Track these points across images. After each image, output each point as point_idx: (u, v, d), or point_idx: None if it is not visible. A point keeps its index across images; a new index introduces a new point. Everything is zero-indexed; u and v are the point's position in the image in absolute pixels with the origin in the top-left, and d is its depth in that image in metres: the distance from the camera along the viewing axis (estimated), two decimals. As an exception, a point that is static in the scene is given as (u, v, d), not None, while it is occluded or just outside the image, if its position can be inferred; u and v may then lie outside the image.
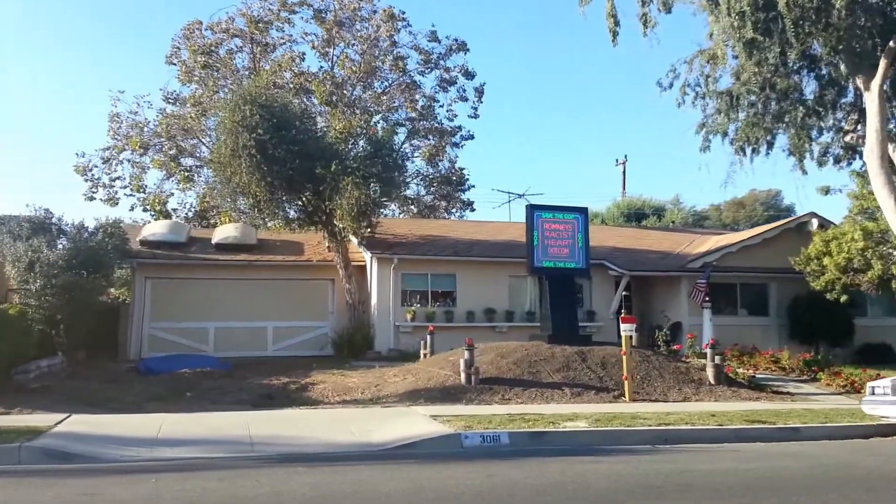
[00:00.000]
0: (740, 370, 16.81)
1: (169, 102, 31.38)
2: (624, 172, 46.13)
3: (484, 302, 20.63)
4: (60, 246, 17.22)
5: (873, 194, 15.80)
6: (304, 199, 19.92)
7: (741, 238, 22.11)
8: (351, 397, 13.71)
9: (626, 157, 44.73)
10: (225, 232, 22.09)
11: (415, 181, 33.77)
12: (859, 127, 14.79)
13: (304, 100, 27.54)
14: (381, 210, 20.75)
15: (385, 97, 33.61)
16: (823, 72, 14.62)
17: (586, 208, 17.22)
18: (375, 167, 19.48)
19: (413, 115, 32.32)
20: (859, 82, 13.83)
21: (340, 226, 18.90)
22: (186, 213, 31.64)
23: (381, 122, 33.27)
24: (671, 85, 16.76)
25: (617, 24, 14.37)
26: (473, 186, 32.36)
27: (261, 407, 12.58)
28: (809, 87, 15.08)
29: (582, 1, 14.90)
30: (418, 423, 10.31)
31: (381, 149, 20.02)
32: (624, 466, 7.78)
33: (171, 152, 30.24)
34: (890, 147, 13.73)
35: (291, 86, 28.26)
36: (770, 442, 10.05)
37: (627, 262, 21.89)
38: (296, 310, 21.21)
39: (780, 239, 21.21)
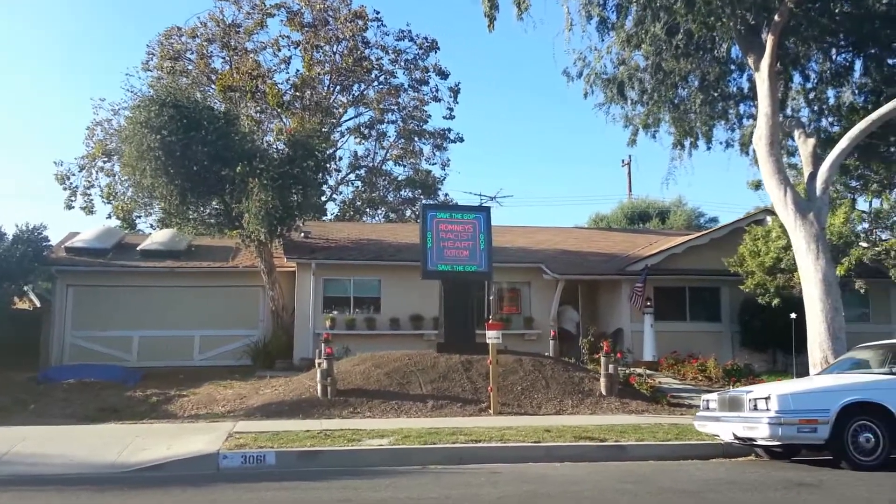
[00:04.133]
0: (661, 379, 15.85)
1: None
2: (629, 174, 44.82)
3: (410, 309, 19.95)
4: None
5: (799, 185, 14.62)
6: (216, 203, 19.62)
7: (687, 239, 20.90)
8: (207, 410, 13.28)
9: (630, 157, 42.88)
10: (152, 238, 22.02)
11: (386, 185, 33.43)
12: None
13: (255, 101, 27.37)
14: (303, 214, 20.22)
15: (362, 98, 33.43)
16: (718, 54, 13.56)
17: (489, 208, 16.51)
18: (294, 170, 19.08)
19: (380, 115, 31.88)
20: (750, 62, 12.75)
21: (249, 230, 18.47)
22: (150, 221, 31.85)
23: (350, 124, 33.14)
24: (580, 74, 15.82)
25: (494, 7, 13.56)
26: (440, 189, 31.65)
27: (95, 421, 12.27)
28: (713, 72, 13.99)
29: None
30: (204, 440, 9.77)
31: (300, 151, 19.57)
32: (316, 494, 7.11)
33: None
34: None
35: (246, 87, 28.12)
36: (589, 461, 9.22)
37: (568, 265, 20.97)
38: (225, 318, 20.88)
39: (731, 239, 19.81)
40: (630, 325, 19.91)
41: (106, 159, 31.49)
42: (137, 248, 21.60)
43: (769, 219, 19.69)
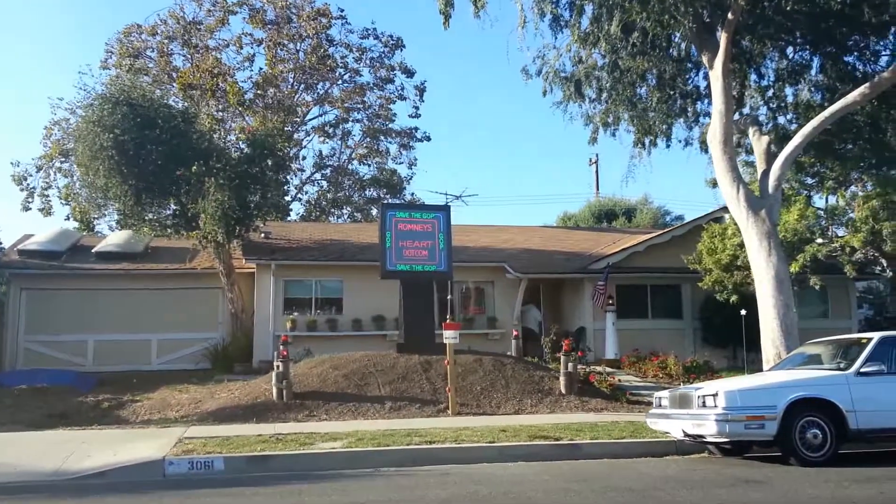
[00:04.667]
0: (623, 377, 15.95)
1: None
2: (597, 172, 45.04)
3: (373, 309, 19.84)
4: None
5: (752, 184, 14.80)
6: (173, 203, 19.33)
7: (649, 237, 21.08)
8: (160, 416, 13.05)
9: (597, 156, 43.12)
10: (108, 240, 21.64)
11: (354, 186, 33.25)
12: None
13: (214, 99, 27.01)
14: (263, 214, 20.01)
15: (327, 97, 33.21)
16: (674, 53, 13.66)
17: (448, 207, 16.41)
18: (252, 169, 18.89)
19: (345, 114, 31.69)
20: (705, 60, 12.86)
21: (206, 231, 18.21)
22: (109, 223, 31.30)
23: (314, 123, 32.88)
24: (539, 72, 15.83)
25: (450, 4, 13.48)
26: (405, 189, 31.55)
27: (43, 427, 11.98)
28: (669, 70, 14.10)
29: None
30: (152, 446, 9.58)
31: (259, 150, 19.36)
32: (259, 500, 7.01)
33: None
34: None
35: (207, 86, 27.76)
36: (542, 461, 9.21)
37: (532, 264, 21.02)
38: (183, 321, 20.54)
39: (691, 237, 20.00)
40: (593, 324, 20.04)
41: (63, 159, 30.89)
42: (93, 251, 21.20)
43: (727, 216, 19.96)
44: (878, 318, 22.00)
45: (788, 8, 12.23)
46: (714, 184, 17.08)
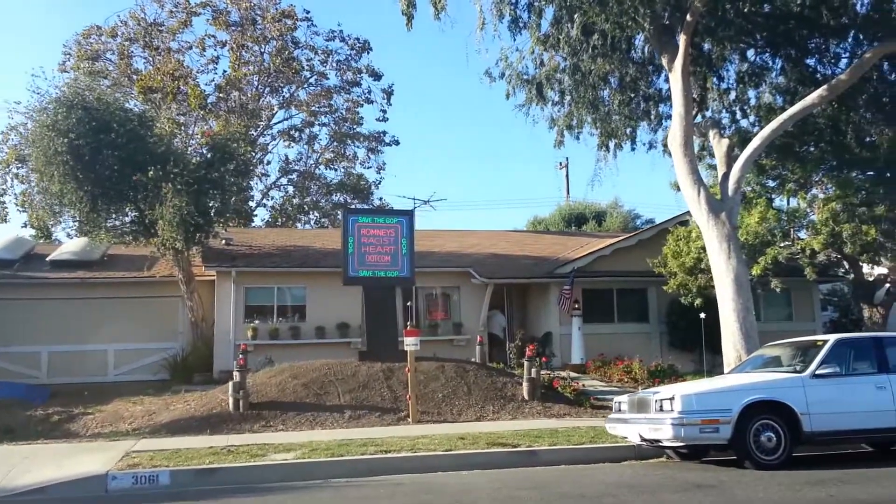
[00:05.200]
0: (588, 382, 15.96)
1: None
2: (567, 176, 45.27)
3: (337, 316, 19.63)
4: None
5: (714, 187, 14.94)
6: (130, 209, 19.00)
7: (615, 241, 21.18)
8: (112, 429, 12.79)
9: (567, 159, 43.34)
10: (63, 248, 21.23)
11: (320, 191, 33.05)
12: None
13: (175, 102, 26.67)
14: (224, 221, 19.76)
15: (292, 100, 32.99)
16: (635, 55, 13.76)
17: (412, 211, 16.36)
18: (212, 174, 18.64)
19: (311, 117, 31.50)
20: (664, 62, 12.96)
21: (164, 237, 17.91)
22: (66, 230, 30.75)
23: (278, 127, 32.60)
24: (502, 74, 15.84)
25: (412, 5, 13.44)
26: (373, 194, 31.43)
27: (-14, 442, 11.62)
28: (630, 72, 14.19)
29: None
30: (98, 460, 9.35)
31: (219, 155, 19.12)
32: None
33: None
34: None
35: (168, 89, 27.41)
36: (499, 468, 9.19)
37: (498, 269, 21.00)
38: (141, 330, 20.12)
39: (657, 240, 20.08)
40: (559, 329, 20.03)
41: (20, 165, 30.27)
42: (47, 259, 20.78)
43: (692, 220, 20.14)
44: (843, 319, 22.29)
45: (746, 10, 12.38)
46: (678, 187, 17.24)
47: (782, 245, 15.63)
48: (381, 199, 33.15)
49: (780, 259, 15.29)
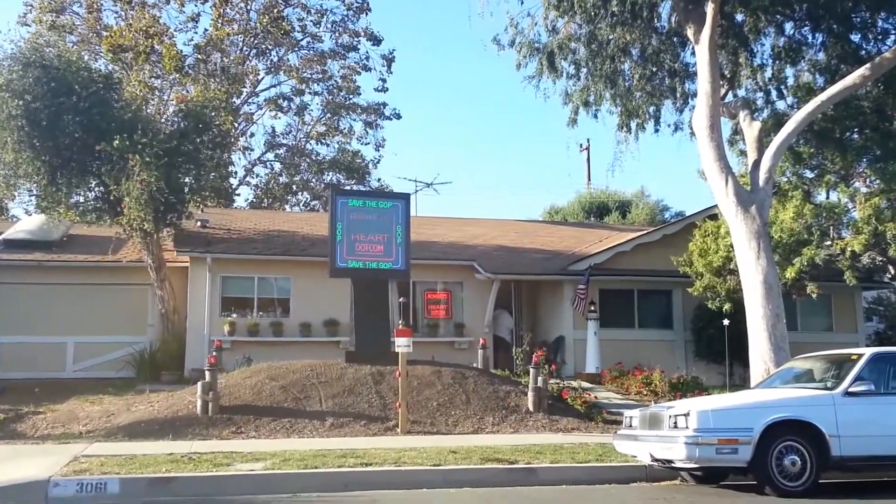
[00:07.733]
0: (603, 394, 16.07)
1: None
2: (588, 160, 44.84)
3: (325, 312, 19.74)
4: None
5: (745, 176, 14.94)
6: (94, 183, 19.14)
7: (637, 235, 21.22)
8: (64, 430, 12.94)
9: (588, 141, 42.64)
10: (18, 226, 21.38)
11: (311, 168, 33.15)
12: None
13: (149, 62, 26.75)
14: (199, 199, 19.90)
15: (281, 65, 33.07)
16: (658, 24, 13.78)
17: (408, 195, 16.42)
18: (185, 146, 18.70)
19: (301, 84, 31.57)
20: (690, 34, 12.98)
21: (131, 216, 18.04)
22: (24, 205, 30.95)
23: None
24: (512, 42, 15.83)
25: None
26: (370, 174, 31.51)
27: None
28: (653, 43, 14.21)
29: None
30: (41, 465, 9.50)
31: (193, 124, 19.20)
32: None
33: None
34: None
35: (140, 48, 27.47)
36: (491, 486, 9.30)
37: (506, 263, 21.08)
38: (106, 322, 20.25)
39: (685, 236, 20.06)
40: (573, 333, 20.07)
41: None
42: (1, 238, 20.91)
43: (722, 213, 20.15)
44: (889, 331, 22.25)
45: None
46: (705, 175, 17.26)
47: (821, 245, 15.57)
48: (379, 179, 33.26)
49: (818, 261, 15.21)
